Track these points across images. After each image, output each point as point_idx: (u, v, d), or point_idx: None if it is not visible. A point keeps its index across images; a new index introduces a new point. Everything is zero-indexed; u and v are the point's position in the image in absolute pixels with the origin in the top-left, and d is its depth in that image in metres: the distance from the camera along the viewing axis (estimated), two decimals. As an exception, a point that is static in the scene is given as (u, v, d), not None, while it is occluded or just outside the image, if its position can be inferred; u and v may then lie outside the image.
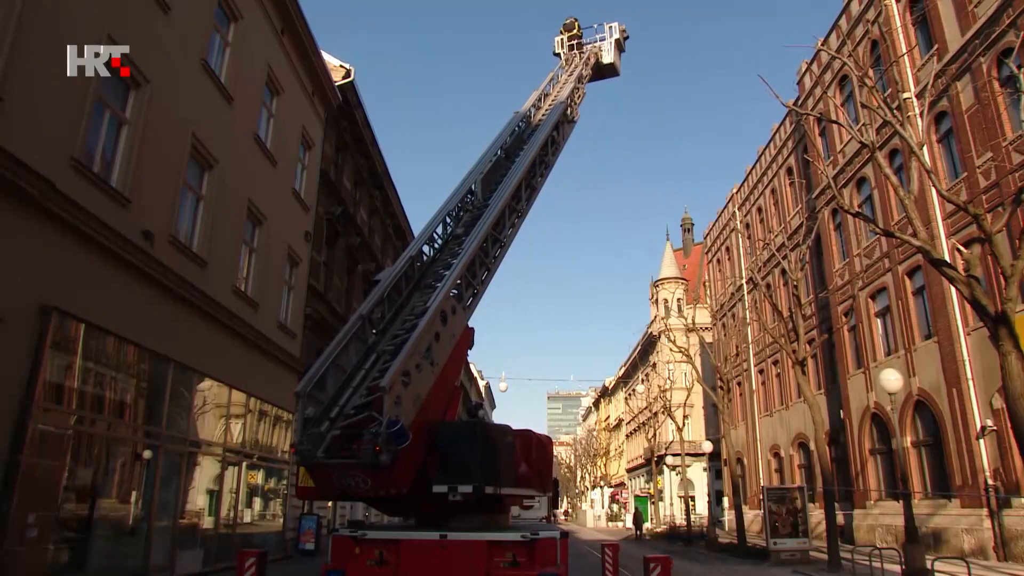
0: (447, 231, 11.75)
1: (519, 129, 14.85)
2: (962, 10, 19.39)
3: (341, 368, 8.60)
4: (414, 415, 7.87)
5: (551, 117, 14.77)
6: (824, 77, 27.86)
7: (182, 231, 13.32)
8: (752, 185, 38.47)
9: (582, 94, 17.33)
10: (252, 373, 16.21)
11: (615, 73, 19.82)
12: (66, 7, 9.79)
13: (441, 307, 9.02)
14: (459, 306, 9.80)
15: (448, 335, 9.20)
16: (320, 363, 8.29)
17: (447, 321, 9.20)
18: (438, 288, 9.45)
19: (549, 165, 14.24)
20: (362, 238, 26.02)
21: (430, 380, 8.51)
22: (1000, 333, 10.92)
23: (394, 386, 7.52)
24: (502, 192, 11.80)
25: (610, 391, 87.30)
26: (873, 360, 24.06)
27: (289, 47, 18.81)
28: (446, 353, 9.11)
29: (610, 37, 19.57)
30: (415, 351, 8.14)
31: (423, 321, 8.55)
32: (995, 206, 17.37)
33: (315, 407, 7.99)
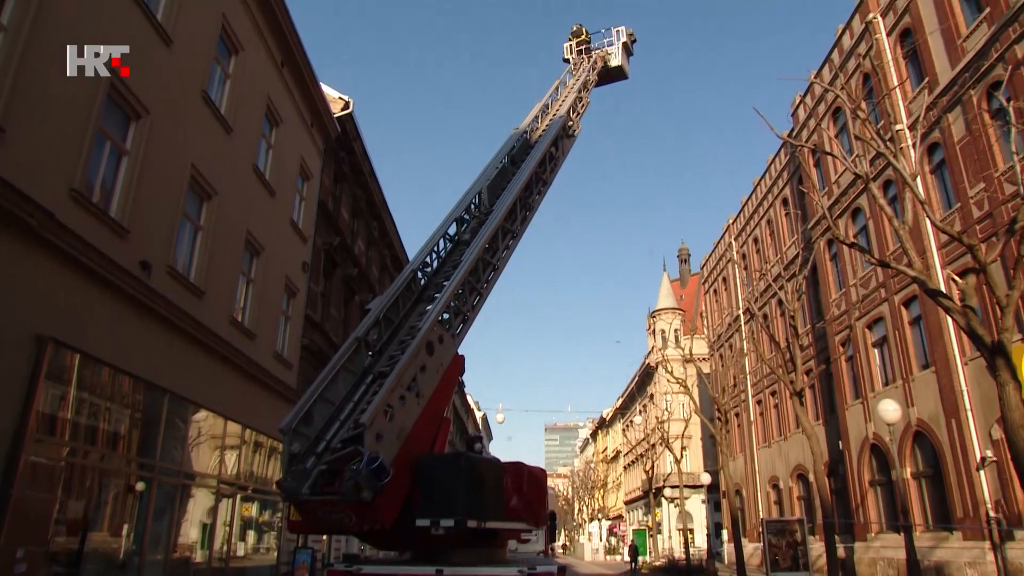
0: (455, 236, 11.71)
1: (526, 135, 14.80)
2: (951, 44, 19.72)
3: (329, 401, 8.52)
4: (397, 449, 7.78)
5: (550, 132, 14.49)
6: (818, 109, 28.22)
7: (180, 261, 13.33)
8: (748, 216, 38.71)
9: (585, 103, 17.21)
10: (248, 404, 16.11)
11: (624, 76, 19.99)
12: (70, 38, 9.89)
13: (427, 338, 8.88)
14: (447, 334, 9.62)
15: (435, 365, 9.05)
16: (305, 399, 8.23)
17: (434, 351, 9.06)
18: (425, 317, 9.36)
19: (547, 183, 13.96)
20: (359, 269, 26.06)
21: (415, 412, 8.39)
22: (997, 363, 10.91)
23: (375, 422, 7.44)
24: (496, 213, 11.56)
25: (608, 422, 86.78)
26: (871, 390, 24.00)
27: (289, 79, 19.03)
28: (433, 384, 8.97)
29: (617, 41, 19.79)
30: (398, 384, 8.06)
31: (405, 355, 8.43)
32: (989, 236, 17.47)
33: (301, 442, 7.93)
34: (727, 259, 41.96)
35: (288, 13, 17.80)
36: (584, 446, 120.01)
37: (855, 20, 25.10)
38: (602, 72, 19.19)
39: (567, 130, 15.54)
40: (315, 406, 8.27)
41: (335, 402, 8.60)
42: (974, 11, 19.12)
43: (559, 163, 14.68)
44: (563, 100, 16.62)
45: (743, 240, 39.61)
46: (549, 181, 14.07)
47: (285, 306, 19.13)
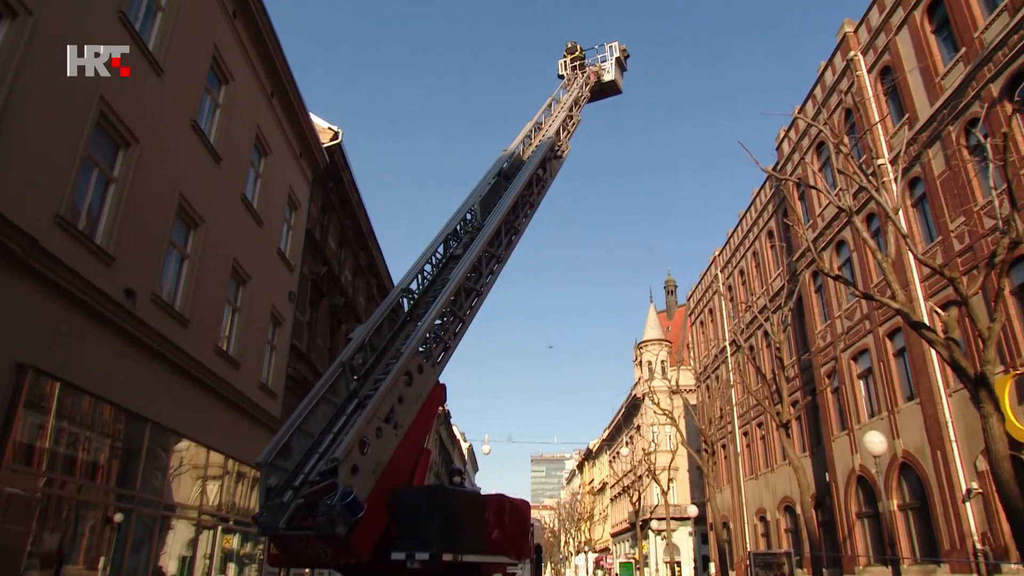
0: (447, 251, 11.65)
1: (518, 152, 14.76)
2: (930, 82, 20.17)
3: (308, 433, 8.40)
4: (373, 482, 7.68)
5: (537, 154, 14.30)
6: (802, 143, 28.66)
7: (165, 289, 13.24)
8: (734, 248, 39.06)
9: (576, 121, 17.15)
10: (231, 434, 15.91)
11: (617, 90, 20.08)
12: (60, 66, 9.92)
13: (404, 368, 8.77)
14: (427, 364, 9.47)
15: (414, 396, 8.92)
16: (283, 432, 8.14)
17: (412, 382, 8.94)
18: (404, 345, 9.25)
19: (534, 205, 13.77)
20: (346, 298, 25.99)
21: (393, 444, 8.27)
22: (980, 395, 11.01)
23: (349, 456, 7.35)
24: (479, 238, 11.39)
25: (594, 454, 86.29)
26: (857, 422, 24.06)
27: (278, 109, 19.14)
28: (412, 414, 8.84)
29: (610, 56, 19.93)
30: (373, 417, 7.95)
31: (381, 388, 8.33)
32: (970, 269, 17.72)
33: (279, 476, 7.84)
34: (713, 291, 42.21)
35: (279, 44, 17.98)
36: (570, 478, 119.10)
37: (837, 57, 25.66)
38: (596, 88, 19.28)
39: (555, 151, 15.36)
40: (293, 438, 8.17)
41: (314, 434, 8.48)
42: (951, 50, 19.61)
43: (547, 185, 14.49)
44: (555, 118, 16.48)
45: (729, 272, 39.90)
46: (536, 203, 13.87)
47: (271, 335, 19.01)
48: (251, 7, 16.38)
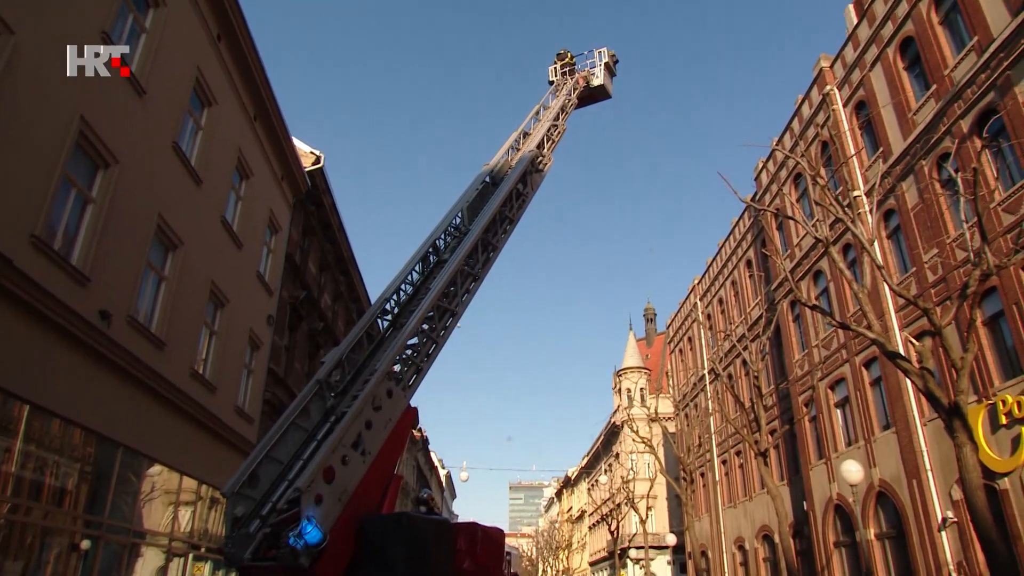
0: (424, 268, 11.52)
1: (507, 157, 14.63)
2: (903, 117, 20.65)
3: (277, 461, 8.23)
4: (339, 511, 7.52)
5: (517, 169, 14.01)
6: (780, 174, 29.11)
7: (142, 311, 13.08)
8: (713, 277, 39.39)
9: (561, 131, 16.97)
10: (205, 458, 15.64)
11: (607, 95, 20.07)
12: (41, 84, 9.88)
13: (373, 394, 8.60)
14: (397, 388, 9.26)
15: (383, 421, 8.73)
16: (250, 460, 7.97)
17: (382, 407, 8.75)
18: (378, 364, 9.10)
19: (514, 220, 13.45)
20: (325, 323, 25.82)
21: (360, 472, 8.08)
22: (954, 425, 11.14)
23: (312, 485, 7.22)
24: (455, 256, 11.17)
25: (573, 481, 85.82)
26: (834, 450, 24.17)
27: (261, 132, 19.14)
28: (380, 440, 8.63)
29: (599, 61, 19.96)
30: (339, 444, 7.78)
31: (348, 414, 8.16)
32: (943, 300, 18.00)
33: (246, 505, 7.67)
34: (692, 319, 42.46)
35: (263, 68, 18.03)
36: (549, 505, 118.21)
37: (813, 91, 26.20)
38: (585, 93, 19.28)
39: (536, 164, 15.05)
40: (261, 466, 8.00)
41: (284, 461, 8.31)
42: (922, 87, 20.11)
43: (528, 199, 14.17)
44: (539, 126, 16.27)
45: (708, 300, 40.19)
46: (516, 219, 13.56)
47: (248, 359, 18.81)
48: (235, 30, 16.44)
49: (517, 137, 15.88)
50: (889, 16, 21.42)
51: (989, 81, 16.94)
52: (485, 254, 12.12)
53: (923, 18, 19.81)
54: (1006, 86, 16.44)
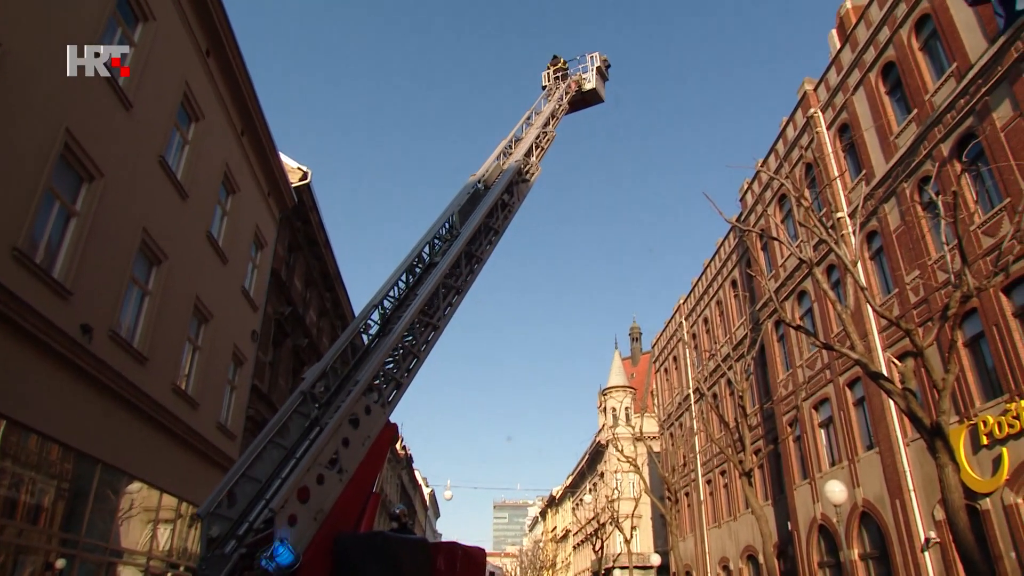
0: (408, 282, 11.41)
1: (499, 162, 14.55)
2: (885, 140, 20.96)
3: (255, 480, 8.11)
4: (314, 531, 7.45)
5: (503, 179, 13.77)
6: (765, 195, 29.40)
7: (124, 326, 12.95)
8: (698, 296, 39.58)
9: (550, 138, 16.84)
10: (186, 475, 15.43)
11: (599, 99, 20.13)
12: (27, 97, 9.83)
13: (350, 411, 8.48)
14: (376, 405, 9.13)
15: (361, 438, 8.60)
16: (226, 481, 7.84)
17: (359, 424, 8.63)
18: (361, 376, 8.98)
19: (499, 231, 13.26)
20: (310, 339, 25.67)
21: (337, 490, 8.00)
22: (936, 445, 11.20)
23: (286, 506, 7.14)
24: (437, 269, 11.04)
25: (557, 501, 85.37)
26: (818, 471, 24.23)
27: (248, 148, 19.12)
28: (358, 458, 8.52)
29: (591, 66, 20.02)
30: (314, 464, 7.69)
31: (325, 432, 8.05)
32: (925, 321, 18.18)
33: (222, 525, 7.54)
34: (678, 338, 42.57)
35: (251, 84, 18.05)
36: (533, 525, 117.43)
37: (798, 114, 26.56)
38: (577, 97, 19.31)
39: (523, 174, 14.83)
40: (238, 485, 7.87)
41: (261, 480, 8.18)
42: (904, 111, 20.44)
43: (514, 209, 13.97)
44: (529, 132, 16.15)
45: (693, 320, 40.34)
46: (501, 230, 13.36)
47: (232, 375, 18.65)
48: (224, 46, 16.46)
49: (509, 142, 15.77)
50: (871, 41, 21.81)
51: (968, 106, 17.25)
52: (469, 266, 11.94)
53: (904, 44, 20.19)
54: (984, 111, 16.75)
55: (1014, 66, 15.85)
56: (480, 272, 12.32)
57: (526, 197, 14.71)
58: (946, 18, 18.33)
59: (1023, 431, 15.01)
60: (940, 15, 18.60)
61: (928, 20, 19.35)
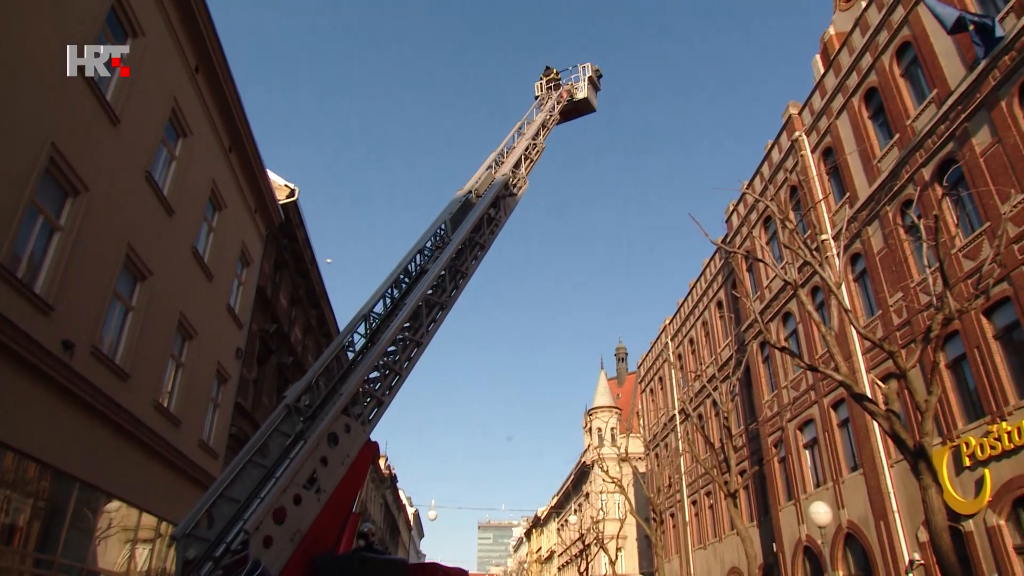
0: (397, 292, 11.34)
1: (491, 170, 14.53)
2: (868, 164, 21.25)
3: (234, 500, 7.95)
4: (290, 552, 7.33)
5: (489, 194, 13.62)
6: (750, 217, 29.66)
7: (107, 342, 12.80)
8: (684, 317, 39.72)
9: (540, 150, 16.83)
10: (167, 494, 15.20)
11: (591, 109, 20.19)
12: (11, 114, 9.78)
13: (329, 430, 8.35)
14: (356, 423, 8.99)
15: (339, 457, 8.47)
16: (203, 502, 7.69)
17: (339, 442, 8.51)
18: (331, 406, 8.86)
19: (485, 246, 13.10)
20: (295, 357, 25.49)
21: (314, 511, 7.87)
22: (919, 467, 11.26)
23: (261, 527, 7.03)
24: (420, 285, 10.90)
25: (542, 521, 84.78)
26: (803, 492, 24.25)
27: (236, 164, 19.08)
28: (337, 477, 8.38)
29: (583, 75, 20.13)
30: (291, 484, 7.58)
31: (302, 451, 7.94)
32: (908, 343, 18.33)
33: (199, 547, 7.37)
34: (663, 359, 42.65)
35: (240, 101, 18.06)
36: (518, 545, 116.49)
37: (783, 137, 26.89)
38: (569, 107, 19.41)
39: (510, 188, 14.68)
40: (217, 506, 7.74)
41: (240, 500, 8.01)
42: (886, 136, 20.76)
43: (501, 224, 13.80)
44: (519, 143, 16.12)
45: (679, 341, 40.45)
46: (487, 244, 13.22)
47: (215, 392, 18.46)
48: (214, 63, 16.48)
49: (499, 153, 15.77)
50: (854, 67, 22.18)
51: (948, 132, 17.55)
52: (454, 282, 11.82)
53: (886, 70, 20.55)
54: (964, 137, 17.04)
55: (992, 93, 16.17)
56: (465, 287, 12.21)
57: (513, 211, 14.61)
58: (926, 46, 18.70)
59: (1005, 453, 15.13)
60: (921, 43, 18.97)
61: (909, 47, 19.74)
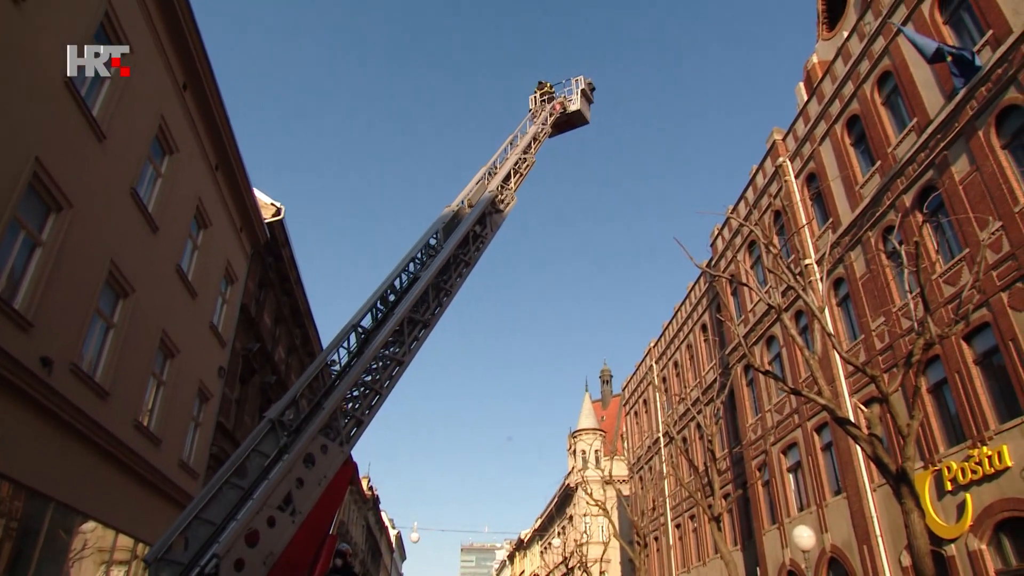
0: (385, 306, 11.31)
1: (485, 180, 14.56)
2: (850, 190, 21.54)
3: (209, 522, 7.82)
4: (263, 575, 7.25)
5: (475, 210, 13.49)
6: (735, 241, 29.89)
7: (86, 359, 12.65)
8: (669, 340, 39.83)
9: (530, 164, 16.79)
10: (144, 515, 14.95)
11: (584, 121, 20.36)
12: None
13: (305, 451, 8.26)
14: (333, 443, 8.89)
15: (315, 479, 8.37)
16: (176, 526, 7.57)
17: (315, 463, 8.42)
18: (311, 424, 8.73)
19: (470, 263, 12.94)
20: (278, 376, 25.29)
21: (289, 533, 7.77)
22: (902, 491, 11.30)
23: (232, 550, 6.95)
24: (402, 305, 10.79)
25: (526, 544, 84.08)
26: (787, 516, 24.24)
27: (222, 182, 19.04)
28: (313, 499, 8.29)
29: (576, 88, 20.31)
30: (264, 506, 7.49)
31: (276, 473, 7.85)
32: (890, 367, 18.48)
33: (172, 570, 7.27)
34: (648, 382, 42.68)
35: (227, 119, 18.06)
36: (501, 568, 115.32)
37: (767, 162, 27.22)
38: (562, 119, 19.54)
39: (496, 205, 14.51)
40: (192, 528, 7.61)
41: (217, 522, 7.87)
42: (868, 162, 21.07)
43: (487, 241, 13.63)
44: (510, 156, 16.12)
45: (664, 364, 40.52)
46: (473, 261, 13.04)
47: (196, 412, 18.25)
48: (202, 81, 16.50)
49: (492, 164, 15.79)
50: (836, 95, 22.55)
51: (928, 160, 17.84)
52: (437, 300, 11.68)
53: (867, 98, 20.91)
54: (943, 165, 17.33)
55: (970, 123, 16.49)
56: (449, 305, 12.07)
57: (500, 228, 14.45)
58: (906, 75, 19.06)
59: (986, 477, 15.23)
60: (901, 72, 19.34)
61: (889, 76, 20.11)
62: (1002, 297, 15.30)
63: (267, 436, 8.81)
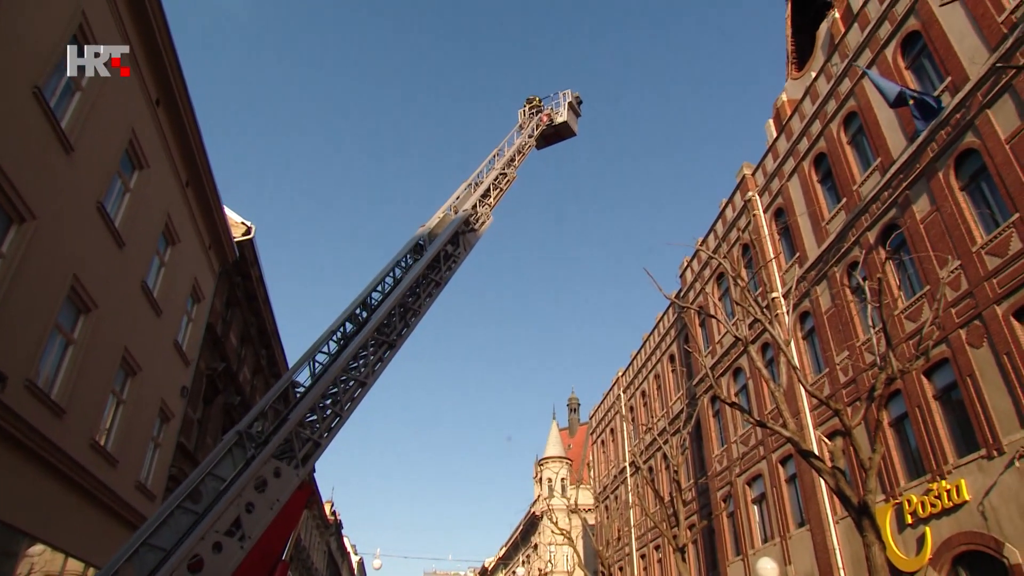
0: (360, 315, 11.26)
1: (468, 192, 14.59)
2: (817, 226, 21.99)
3: (159, 548, 7.60)
4: None
5: (446, 231, 13.30)
6: (703, 273, 30.27)
7: (43, 375, 12.30)
8: (637, 369, 39.99)
9: (510, 180, 16.80)
10: (97, 538, 14.48)
11: (571, 133, 20.55)
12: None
13: (256, 475, 8.10)
14: (287, 467, 8.69)
15: (267, 504, 8.19)
16: (121, 553, 7.33)
17: (267, 487, 8.25)
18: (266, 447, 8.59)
19: (441, 283, 12.83)
20: (243, 397, 24.85)
21: (236, 559, 7.58)
22: (863, 523, 11.41)
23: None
24: (367, 325, 10.69)
25: (490, 572, 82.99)
26: (751, 547, 24.28)
27: (192, 199, 18.82)
28: (264, 524, 8.10)
29: (563, 100, 20.49)
30: (209, 531, 7.31)
31: (224, 498, 7.66)
32: (853, 400, 18.75)
33: None
34: (615, 411, 42.73)
35: (200, 136, 17.92)
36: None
37: (736, 196, 27.70)
38: (549, 131, 19.72)
39: (471, 224, 14.35)
40: (139, 555, 7.38)
41: (167, 548, 7.64)
42: (834, 199, 21.57)
43: (459, 260, 13.46)
44: (492, 171, 16.15)
45: (631, 393, 40.63)
46: (444, 281, 12.91)
47: (156, 432, 17.82)
48: (175, 96, 16.37)
49: (473, 179, 15.84)
50: (804, 133, 23.12)
51: (891, 198, 18.32)
52: (404, 320, 11.53)
53: (834, 137, 21.47)
54: (906, 204, 17.81)
55: (930, 164, 17.01)
56: (417, 326, 11.93)
57: (474, 247, 14.25)
58: (871, 116, 19.63)
59: (945, 511, 15.45)
60: (865, 113, 19.92)
61: (855, 117, 20.69)
62: (960, 334, 15.67)
63: (228, 455, 8.62)
